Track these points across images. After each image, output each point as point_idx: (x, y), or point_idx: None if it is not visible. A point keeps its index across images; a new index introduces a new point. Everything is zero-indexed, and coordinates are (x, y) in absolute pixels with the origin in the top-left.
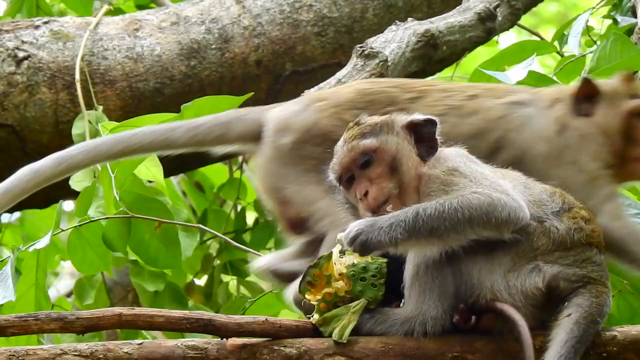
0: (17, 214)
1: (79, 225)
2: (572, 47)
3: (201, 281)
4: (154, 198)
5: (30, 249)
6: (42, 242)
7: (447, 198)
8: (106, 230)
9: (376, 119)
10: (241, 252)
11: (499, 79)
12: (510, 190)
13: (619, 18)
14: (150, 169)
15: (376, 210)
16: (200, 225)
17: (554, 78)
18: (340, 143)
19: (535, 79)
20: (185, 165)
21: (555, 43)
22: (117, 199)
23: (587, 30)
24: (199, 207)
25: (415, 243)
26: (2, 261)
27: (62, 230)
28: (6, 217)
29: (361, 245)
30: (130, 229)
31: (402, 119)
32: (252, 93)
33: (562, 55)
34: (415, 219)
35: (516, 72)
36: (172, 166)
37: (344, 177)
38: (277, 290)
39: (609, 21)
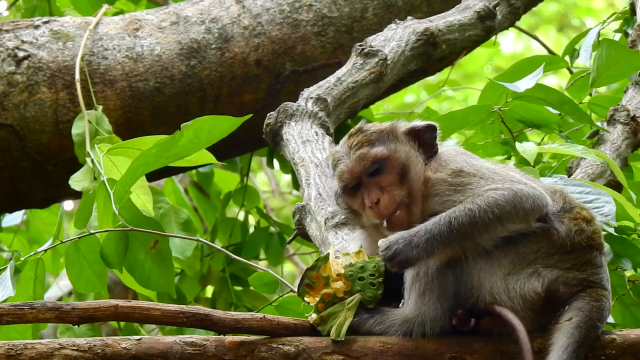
0: (24, 218)
1: (78, 238)
2: (584, 60)
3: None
4: (151, 218)
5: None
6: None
7: (473, 201)
8: (104, 245)
9: (379, 126)
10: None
11: (509, 89)
12: (524, 179)
13: (630, 31)
14: (140, 197)
15: (387, 218)
16: (199, 239)
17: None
18: (342, 150)
19: (543, 92)
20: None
21: (566, 57)
22: (117, 213)
23: (599, 44)
24: (207, 215)
25: (451, 251)
26: (2, 269)
27: (62, 242)
28: (15, 220)
29: (400, 264)
30: (127, 246)
31: (403, 125)
32: (251, 115)
33: (571, 72)
34: (450, 230)
35: (525, 82)
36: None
37: (350, 185)
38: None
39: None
